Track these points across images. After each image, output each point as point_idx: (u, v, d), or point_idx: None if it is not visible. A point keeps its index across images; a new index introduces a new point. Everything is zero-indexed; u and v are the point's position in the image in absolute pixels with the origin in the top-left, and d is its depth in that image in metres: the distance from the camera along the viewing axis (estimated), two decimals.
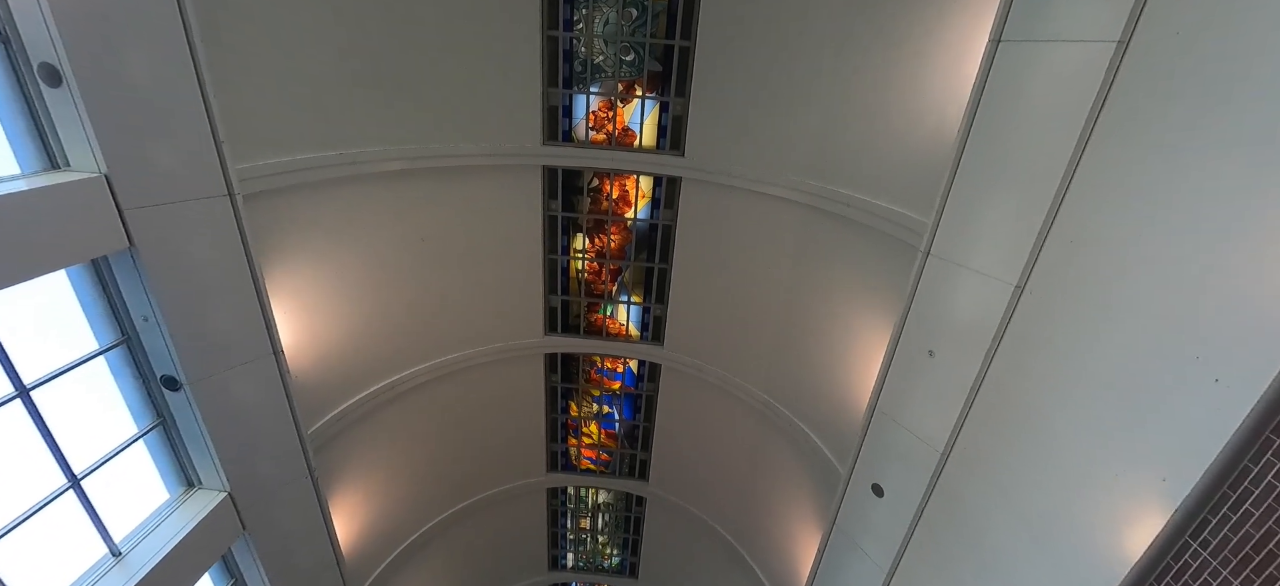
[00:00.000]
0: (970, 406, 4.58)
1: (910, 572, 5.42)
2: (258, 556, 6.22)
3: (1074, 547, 3.63)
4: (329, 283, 6.80)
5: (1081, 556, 3.56)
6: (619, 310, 9.29)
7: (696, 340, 8.93)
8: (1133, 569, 3.20)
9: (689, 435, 9.79)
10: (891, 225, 5.83)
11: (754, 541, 9.52)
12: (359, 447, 7.90)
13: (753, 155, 7.26)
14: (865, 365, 6.55)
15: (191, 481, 5.72)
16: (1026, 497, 4.03)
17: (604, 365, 9.84)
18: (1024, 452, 4.08)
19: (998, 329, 4.28)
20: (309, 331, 6.72)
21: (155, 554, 5.05)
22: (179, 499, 5.62)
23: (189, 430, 5.38)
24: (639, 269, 8.94)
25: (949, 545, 4.86)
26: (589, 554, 12.09)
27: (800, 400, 7.80)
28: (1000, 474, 4.31)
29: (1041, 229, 3.91)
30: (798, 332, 7.63)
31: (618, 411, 10.25)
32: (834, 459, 7.19)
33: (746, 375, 8.56)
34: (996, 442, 4.35)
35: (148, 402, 5.21)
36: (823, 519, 7.31)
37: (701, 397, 9.28)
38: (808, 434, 7.67)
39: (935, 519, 5.05)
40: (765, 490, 8.93)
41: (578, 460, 10.86)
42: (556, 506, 11.41)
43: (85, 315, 4.68)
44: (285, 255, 6.20)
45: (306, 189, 6.17)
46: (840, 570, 6.35)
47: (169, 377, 5.08)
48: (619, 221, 8.59)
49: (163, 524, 5.34)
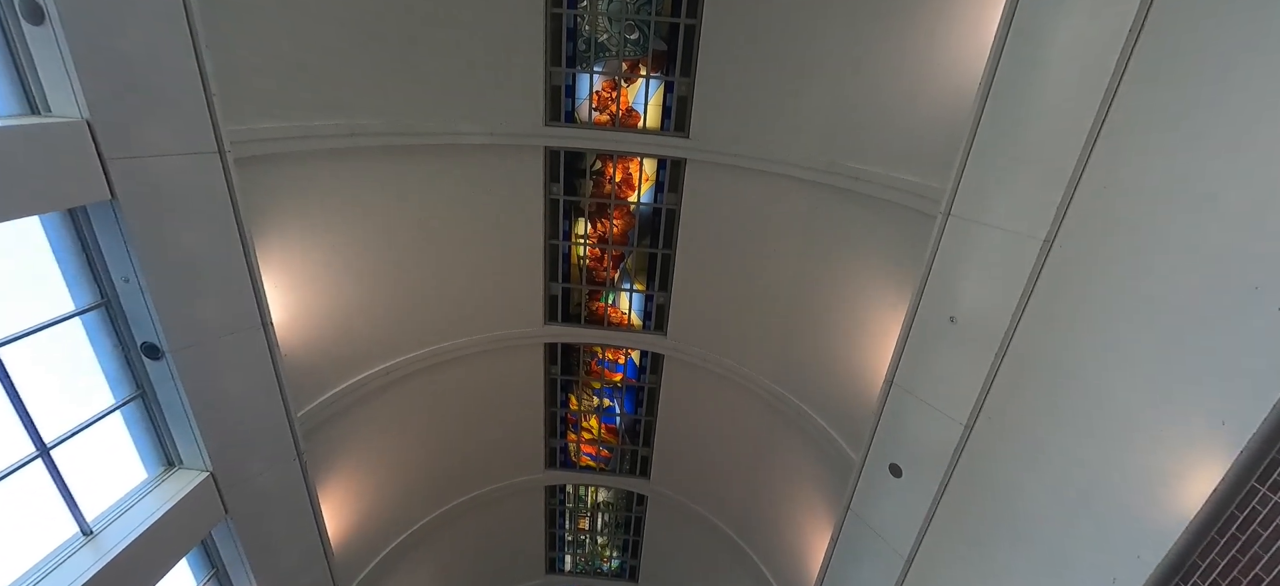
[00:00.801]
0: (996, 371, 4.37)
1: (932, 556, 5.14)
2: (240, 543, 5.87)
3: (1122, 507, 3.39)
4: (323, 259, 6.56)
5: (1131, 516, 3.33)
6: (621, 298, 9.07)
7: (701, 329, 8.70)
8: (1192, 521, 2.96)
9: (692, 429, 9.51)
10: (905, 196, 5.67)
11: (760, 539, 9.19)
12: (350, 436, 7.58)
13: (760, 134, 7.12)
14: (879, 345, 6.34)
15: (172, 460, 5.41)
16: (1064, 461, 3.80)
17: (605, 356, 9.58)
18: (1059, 413, 3.86)
19: (1026, 286, 4.08)
20: (300, 309, 6.46)
21: (129, 534, 4.72)
22: (158, 478, 5.30)
23: (170, 403, 5.09)
24: (642, 255, 8.75)
25: (976, 521, 4.60)
26: (588, 556, 11.68)
27: (810, 387, 7.56)
28: (1032, 439, 4.08)
29: (1072, 176, 3.74)
30: (807, 317, 7.42)
31: (619, 405, 9.96)
32: (846, 445, 6.93)
33: (753, 364, 8.32)
34: (1027, 406, 4.12)
35: (127, 372, 4.92)
36: (833, 510, 7.03)
37: (705, 389, 9.02)
38: (817, 421, 7.42)
39: (959, 495, 4.79)
40: (772, 483, 8.64)
41: (577, 456, 10.53)
42: (555, 505, 11.04)
43: (62, 274, 4.42)
44: (277, 226, 5.97)
45: (302, 158, 5.96)
46: (855, 560, 6.05)
47: (150, 345, 4.81)
48: (622, 205, 8.41)
49: (139, 503, 5.02)
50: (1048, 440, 3.96)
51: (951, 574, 4.94)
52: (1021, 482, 4.19)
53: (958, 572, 4.87)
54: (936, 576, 5.11)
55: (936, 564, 5.11)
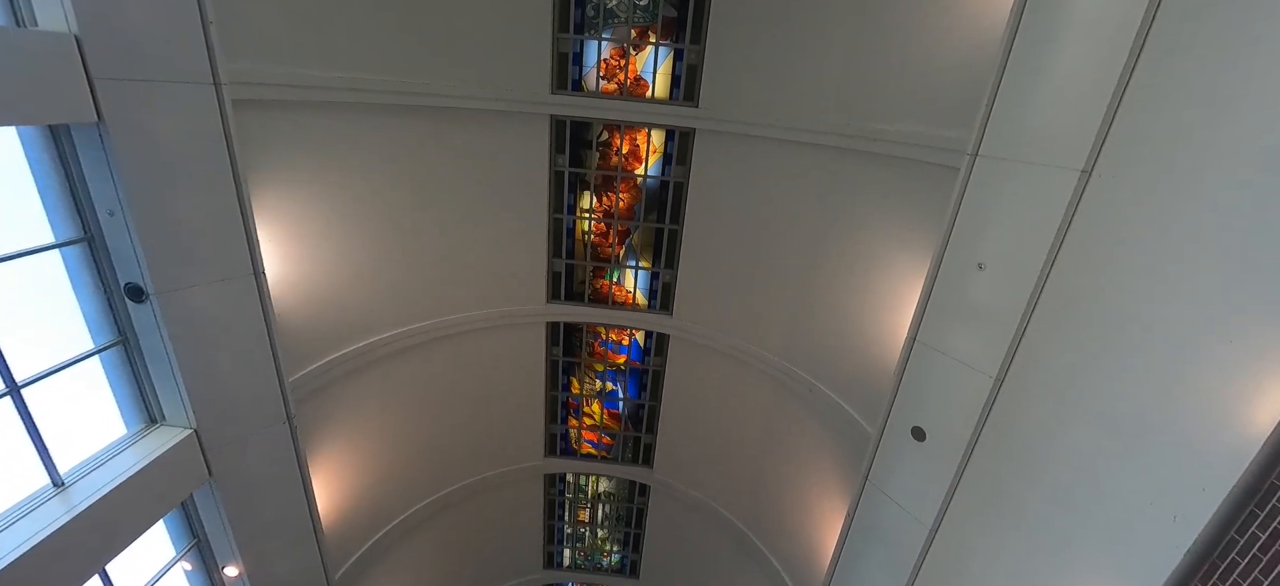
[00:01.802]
0: (1030, 317, 4.14)
1: (959, 523, 4.85)
2: (224, 511, 5.55)
3: (1180, 439, 3.14)
4: (320, 217, 6.32)
5: (1191, 447, 3.08)
6: (626, 276, 8.83)
7: (708, 307, 8.46)
8: (1266, 443, 2.72)
9: (698, 413, 9.21)
10: (926, 150, 5.48)
11: (768, 527, 8.85)
12: (342, 409, 7.27)
13: (772, 100, 6.96)
14: (896, 310, 6.11)
15: (154, 416, 5.11)
16: (1110, 402, 3.55)
17: (609, 337, 9.32)
18: (1102, 352, 3.62)
19: (1062, 222, 3.87)
20: (295, 268, 6.21)
21: (102, 487, 4.41)
22: (138, 433, 4.99)
23: (153, 352, 4.81)
24: (648, 230, 8.53)
25: (1010, 478, 4.33)
26: (587, 550, 11.28)
27: (821, 360, 7.31)
28: (1072, 383, 3.84)
29: (1111, 99, 3.56)
30: (818, 288, 7.19)
31: (622, 389, 9.67)
32: (860, 417, 6.66)
33: (762, 341, 8.07)
34: (1066, 349, 3.89)
35: (108, 316, 4.66)
36: (848, 489, 6.73)
37: (712, 370, 8.75)
38: (830, 395, 7.15)
39: (990, 453, 4.53)
40: (781, 466, 8.33)
41: (578, 444, 10.20)
42: (554, 495, 10.67)
43: (42, 202, 4.17)
44: (272, 177, 5.74)
45: (300, 108, 5.76)
46: (873, 534, 5.75)
47: (134, 287, 4.55)
48: (629, 178, 8.22)
49: (115, 458, 4.71)
50: (1090, 382, 3.72)
51: (981, 540, 4.65)
52: (1061, 432, 3.94)
53: (988, 538, 4.58)
54: (964, 544, 4.82)
55: (964, 531, 4.82)
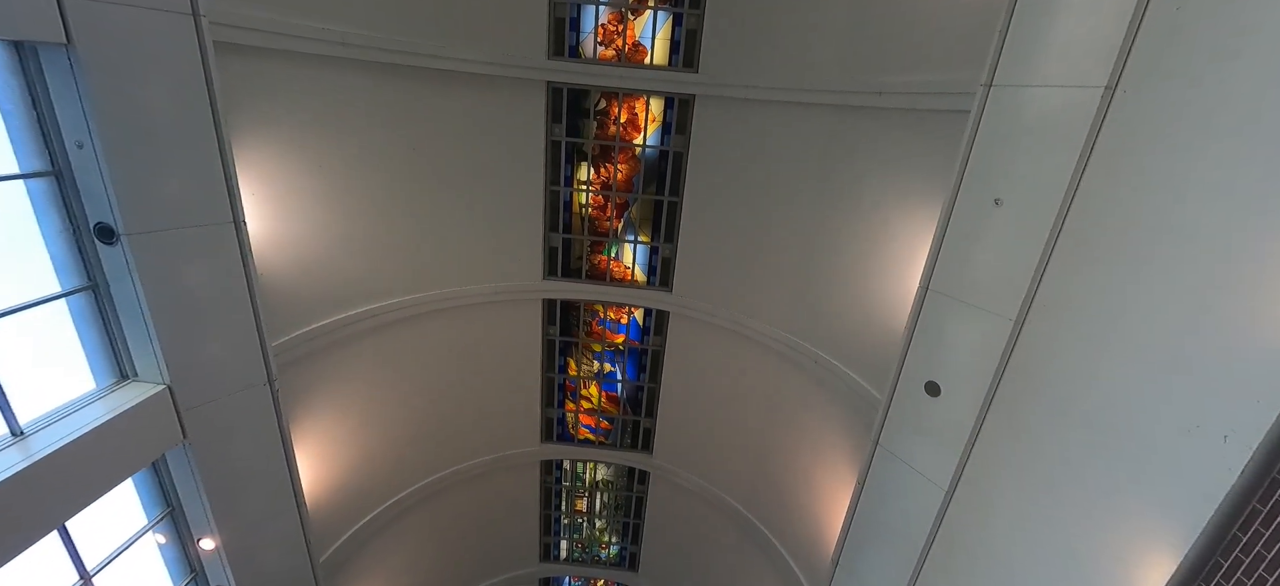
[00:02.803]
0: (1053, 246, 3.90)
1: (977, 481, 4.57)
2: (199, 476, 5.24)
3: (1225, 351, 2.88)
4: (305, 176, 6.10)
5: (1238, 357, 2.81)
6: (625, 251, 8.61)
7: (709, 281, 8.22)
8: None
9: (699, 394, 8.92)
10: (934, 97, 5.30)
11: (773, 510, 8.52)
12: (330, 381, 6.99)
13: (772, 62, 6.80)
14: (904, 271, 5.88)
15: (125, 372, 4.83)
16: (1145, 325, 3.30)
17: (607, 316, 9.06)
18: (1133, 268, 3.38)
19: (1085, 144, 3.66)
20: (280, 227, 5.98)
21: (64, 437, 4.12)
22: (108, 389, 4.72)
23: (125, 301, 4.54)
24: (647, 203, 8.33)
25: (1033, 425, 4.06)
26: (585, 541, 10.90)
27: (826, 330, 7.05)
28: (1101, 310, 3.59)
29: (1137, 7, 3.36)
30: (824, 254, 6.96)
31: (620, 370, 9.39)
32: (867, 384, 6.40)
33: (765, 314, 7.82)
34: (1094, 275, 3.64)
35: (77, 259, 4.41)
36: (856, 462, 6.43)
37: (713, 347, 8.49)
38: (835, 364, 6.88)
39: (1010, 401, 4.26)
40: (786, 445, 8.03)
41: (575, 428, 9.89)
42: (550, 484, 10.33)
43: (6, 129, 3.95)
44: (257, 130, 5.54)
45: (287, 58, 5.57)
46: (885, 503, 5.45)
47: (104, 226, 4.30)
48: (627, 148, 8.03)
49: (81, 411, 4.43)
50: (1122, 306, 3.46)
51: (1004, 496, 4.37)
52: (1089, 367, 3.68)
53: (1011, 493, 4.30)
54: (985, 503, 4.52)
55: (983, 490, 4.53)
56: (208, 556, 5.74)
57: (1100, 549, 3.59)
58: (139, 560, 5.55)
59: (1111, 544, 3.53)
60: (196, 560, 5.78)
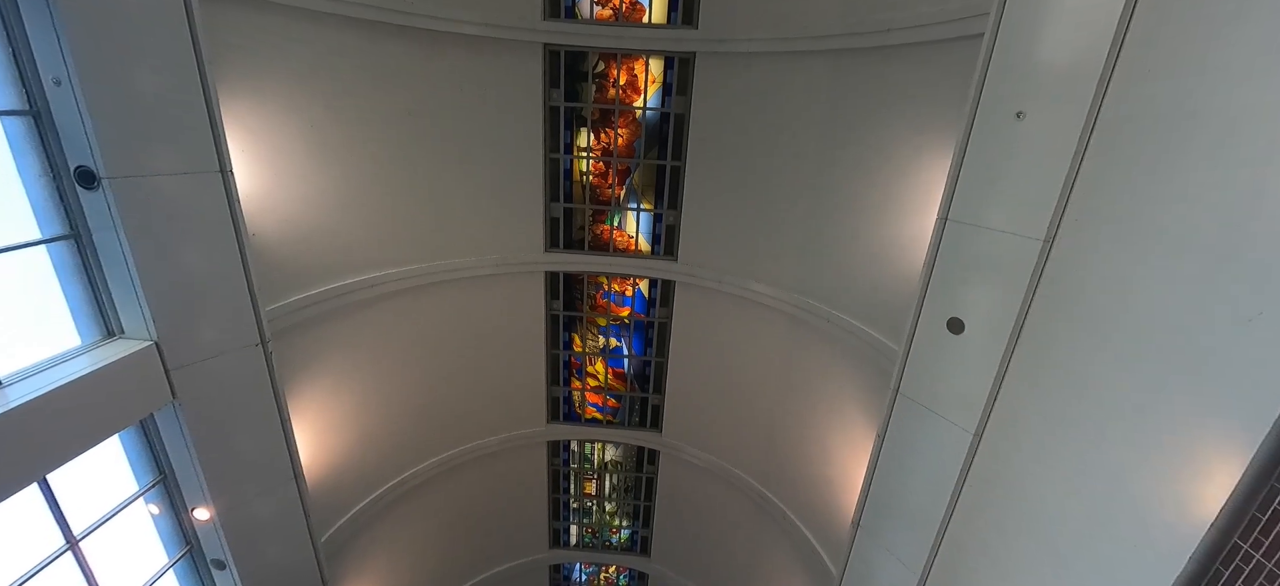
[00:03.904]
0: (1085, 148, 3.61)
1: (1008, 419, 4.25)
2: (191, 441, 5.06)
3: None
4: (297, 136, 5.95)
5: None
6: (628, 220, 8.39)
7: (714, 247, 7.97)
8: None
9: (707, 366, 8.65)
10: (944, 25, 5.03)
11: (788, 482, 8.21)
12: (327, 351, 6.82)
13: (774, 11, 6.56)
14: (917, 214, 5.60)
15: (111, 328, 4.68)
16: (1192, 212, 3.01)
17: (611, 288, 8.83)
18: (1177, 157, 3.09)
19: (1115, 35, 3.38)
20: (270, 186, 5.82)
21: (43, 387, 3.96)
22: (92, 345, 4.56)
23: (108, 251, 4.39)
24: (649, 169, 8.11)
25: (1068, 350, 3.75)
26: (595, 526, 10.62)
27: (839, 287, 6.77)
28: (1142, 207, 3.29)
29: None
30: (833, 208, 6.69)
31: (626, 345, 9.14)
32: (885, 338, 6.10)
33: (773, 276, 7.55)
34: (1131, 170, 3.35)
35: (58, 206, 4.26)
36: (874, 421, 6.12)
37: (721, 315, 8.22)
38: (850, 322, 6.59)
39: (1040, 328, 3.96)
40: (800, 412, 7.73)
41: (582, 407, 9.65)
42: (557, 465, 10.08)
43: None
44: (244, 81, 5.39)
45: (276, 10, 5.44)
46: (909, 453, 5.13)
47: (85, 170, 4.16)
48: (627, 112, 7.83)
49: (64, 365, 4.27)
50: (1166, 200, 3.16)
51: (1036, 435, 4.06)
52: (1129, 273, 3.38)
53: (1045, 427, 3.98)
54: (1015, 442, 4.21)
55: (1013, 427, 4.22)
56: (203, 527, 5.56)
57: (1149, 471, 3.28)
58: (132, 532, 5.40)
59: (1162, 463, 3.22)
60: (191, 531, 5.60)
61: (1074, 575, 3.65)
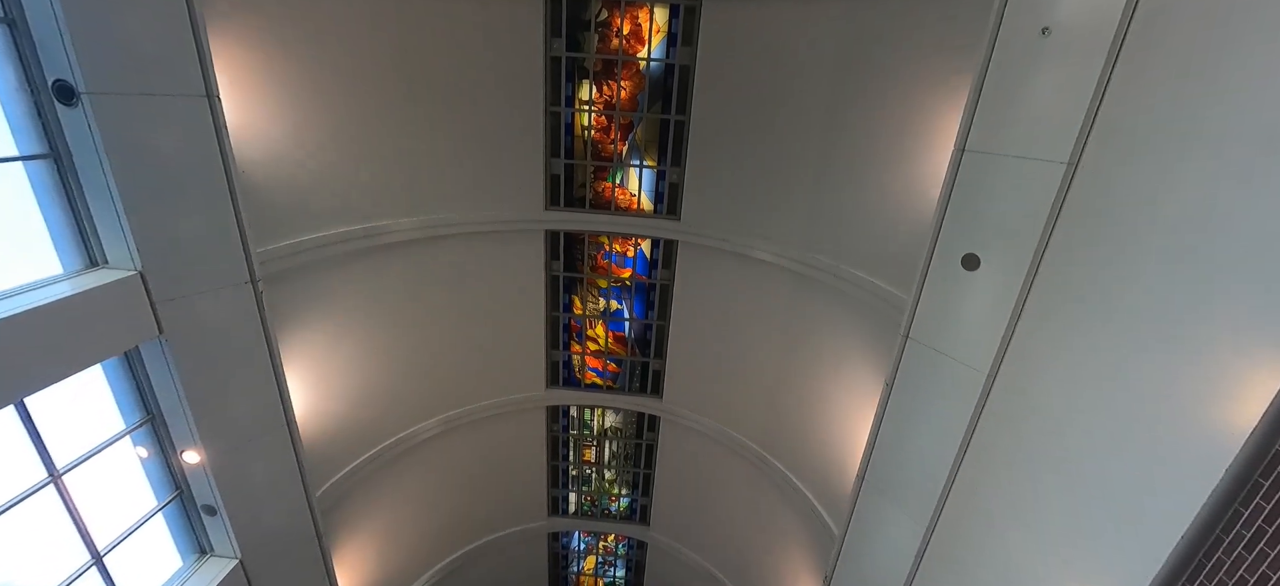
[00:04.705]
0: (1113, 66, 3.41)
1: (1025, 353, 4.08)
2: (178, 379, 4.92)
3: None
4: (289, 73, 5.75)
5: None
6: (630, 177, 8.18)
7: (719, 205, 7.77)
8: None
9: (710, 328, 8.49)
10: None
11: (789, 445, 8.07)
12: (321, 300, 6.67)
13: None
14: (934, 151, 5.40)
15: (94, 258, 4.52)
16: (1235, 108, 2.82)
17: (612, 249, 8.65)
18: (1228, 47, 2.88)
19: None
20: (262, 119, 5.63)
21: (18, 308, 3.80)
22: (74, 272, 4.41)
23: (89, 173, 4.22)
24: (653, 124, 7.89)
25: (1095, 273, 3.56)
26: (594, 494, 10.52)
27: (849, 240, 6.58)
28: (1183, 109, 3.09)
29: None
30: (843, 158, 6.49)
31: (627, 307, 8.98)
32: (894, 289, 5.92)
33: (780, 233, 7.36)
34: (1168, 71, 3.15)
35: (36, 124, 4.09)
36: (879, 376, 5.95)
37: (725, 276, 8.05)
38: (859, 276, 6.41)
39: (1062, 257, 3.77)
40: (804, 371, 7.58)
41: (582, 372, 9.51)
42: (557, 432, 9.95)
43: None
44: (233, 10, 5.19)
45: None
46: (918, 400, 4.96)
47: (63, 84, 3.98)
48: (630, 63, 7.60)
49: (43, 288, 4.12)
50: (1204, 93, 2.96)
51: (1056, 367, 3.88)
52: (1165, 181, 3.19)
53: (1066, 361, 3.81)
54: (1035, 377, 4.03)
55: (1032, 362, 4.05)
56: (193, 471, 5.43)
57: (1181, 390, 3.10)
58: (120, 476, 5.27)
59: (1196, 379, 3.04)
60: (181, 475, 5.48)
61: (1096, 506, 3.49)
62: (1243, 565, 2.68)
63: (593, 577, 11.82)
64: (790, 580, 8.54)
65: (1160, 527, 3.15)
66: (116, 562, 5.04)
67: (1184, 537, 2.89)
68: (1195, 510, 2.96)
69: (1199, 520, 2.90)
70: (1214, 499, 2.91)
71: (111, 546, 4.92)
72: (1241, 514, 2.58)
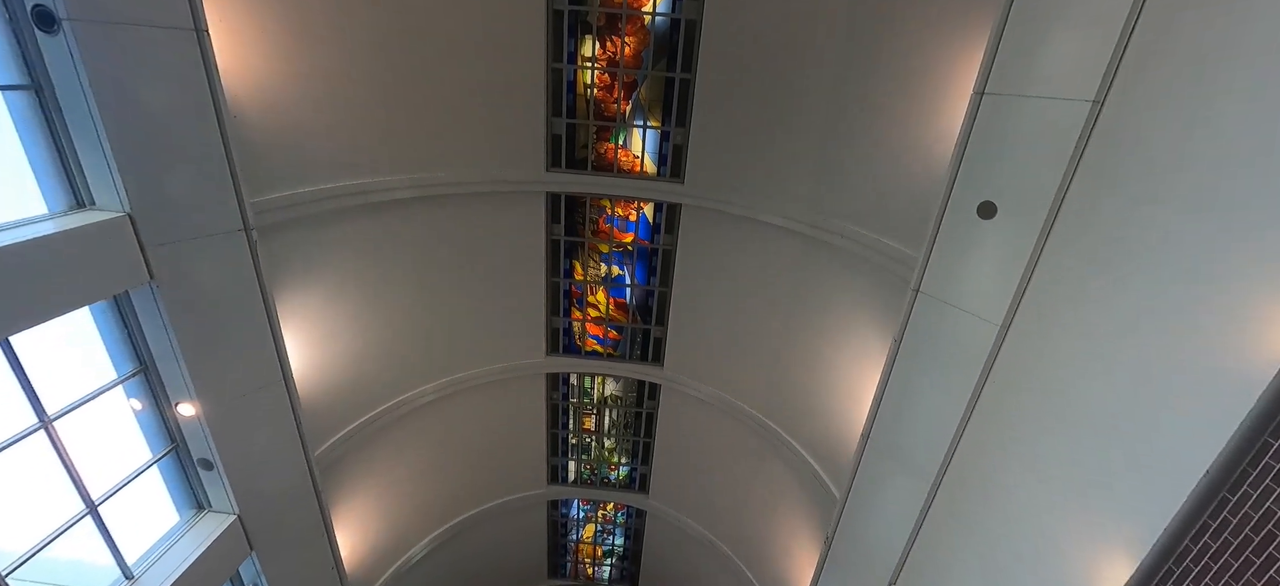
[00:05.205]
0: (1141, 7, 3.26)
1: (1040, 304, 3.98)
2: (170, 327, 4.79)
3: None
4: (282, 22, 5.51)
5: None
6: (633, 138, 8.00)
7: (724, 167, 7.60)
8: None
9: (712, 294, 8.38)
10: None
11: (792, 412, 8.03)
12: (317, 256, 6.52)
13: None
14: (947, 105, 5.24)
15: (82, 199, 4.36)
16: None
17: (614, 212, 8.50)
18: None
19: None
20: (256, 62, 5.42)
21: (3, 241, 3.66)
22: (61, 213, 4.25)
23: (72, 105, 4.04)
24: (657, 82, 7.68)
25: (1118, 213, 3.46)
26: (594, 462, 10.51)
27: (857, 200, 6.44)
28: (1217, 43, 2.96)
29: None
30: (854, 113, 6.31)
31: (629, 273, 8.86)
32: (904, 247, 5.81)
33: (787, 194, 7.21)
34: (1201, 10, 3.00)
35: (16, 53, 3.90)
36: (886, 338, 5.86)
37: (728, 239, 7.92)
38: (868, 236, 6.29)
39: (1082, 201, 3.66)
40: (808, 336, 7.50)
41: (582, 339, 9.42)
42: (557, 399, 9.90)
43: None
44: None
45: None
46: (927, 353, 4.87)
47: (42, 9, 3.78)
48: (635, 17, 7.37)
49: (26, 227, 3.97)
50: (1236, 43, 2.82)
51: (1070, 313, 3.79)
52: (1194, 117, 3.06)
53: (1082, 304, 3.71)
54: (1052, 323, 3.93)
55: (1048, 309, 3.94)
56: (188, 423, 5.34)
57: (1209, 326, 3.00)
58: (115, 429, 5.18)
59: (1221, 321, 2.95)
60: (176, 428, 5.39)
61: (1114, 453, 3.42)
62: (1270, 496, 2.61)
63: (592, 545, 11.89)
64: (790, 544, 8.57)
65: (1179, 471, 3.09)
66: (113, 516, 4.97)
67: (1206, 476, 2.82)
68: (1215, 453, 2.89)
69: (1221, 460, 2.83)
70: (1235, 440, 2.83)
71: (106, 496, 4.84)
72: (1271, 445, 2.51)
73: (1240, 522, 2.60)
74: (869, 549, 5.97)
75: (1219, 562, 2.71)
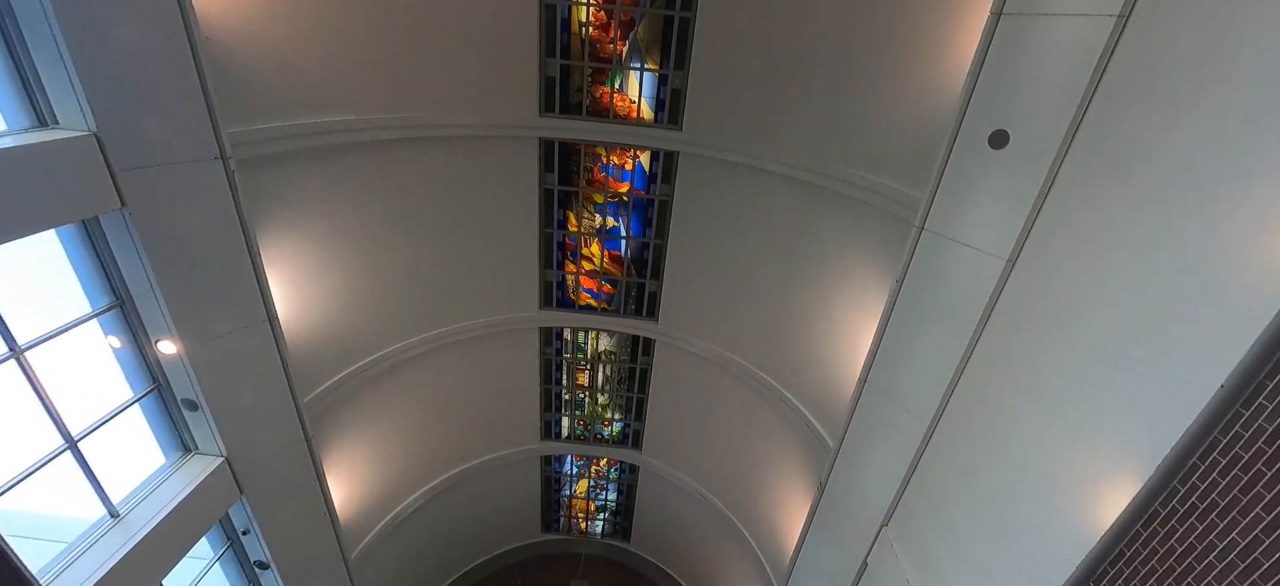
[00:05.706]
0: None
1: (1050, 235, 3.88)
2: (145, 256, 4.58)
3: None
4: None
5: None
6: (630, 82, 7.71)
7: (723, 111, 7.36)
8: None
9: (710, 247, 8.24)
10: None
11: (789, 366, 8.00)
12: (300, 192, 6.26)
13: None
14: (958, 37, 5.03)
15: (43, 117, 4.09)
16: None
17: (610, 161, 8.27)
18: None
19: None
20: None
21: None
22: (21, 130, 3.99)
23: (29, 13, 3.74)
24: (655, 22, 7.37)
25: (1136, 130, 3.32)
26: (587, 418, 10.51)
27: (862, 147, 6.26)
28: None
29: None
30: (862, 52, 6.07)
31: (624, 225, 8.68)
32: (911, 190, 5.67)
33: (788, 141, 7.01)
34: None
35: None
36: (886, 284, 5.77)
37: (727, 189, 7.73)
38: (873, 180, 6.13)
39: (1103, 116, 3.52)
40: (808, 290, 7.41)
41: (576, 293, 9.29)
42: (550, 355, 9.82)
43: None
44: None
45: None
46: (930, 291, 4.78)
47: None
48: None
49: None
50: None
51: (1082, 242, 3.69)
52: (1223, 37, 2.90)
53: (1094, 232, 3.61)
54: (1065, 253, 3.83)
55: (1060, 239, 3.83)
56: (170, 362, 5.18)
57: (1224, 253, 2.91)
58: (95, 371, 5.01)
59: (1238, 245, 2.85)
60: (157, 366, 5.23)
61: (1121, 382, 3.37)
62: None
63: (585, 501, 12.01)
64: (783, 495, 8.66)
65: (1191, 393, 3.02)
66: (97, 455, 4.85)
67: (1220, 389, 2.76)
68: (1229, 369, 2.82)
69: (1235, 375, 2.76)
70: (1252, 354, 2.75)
71: (87, 432, 4.70)
72: None
73: (1254, 435, 2.55)
74: (863, 492, 6.00)
75: (1228, 477, 2.68)
